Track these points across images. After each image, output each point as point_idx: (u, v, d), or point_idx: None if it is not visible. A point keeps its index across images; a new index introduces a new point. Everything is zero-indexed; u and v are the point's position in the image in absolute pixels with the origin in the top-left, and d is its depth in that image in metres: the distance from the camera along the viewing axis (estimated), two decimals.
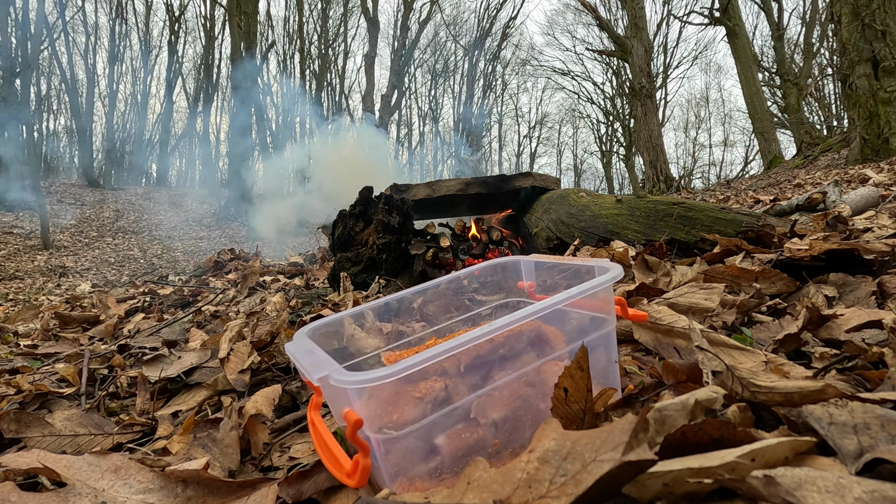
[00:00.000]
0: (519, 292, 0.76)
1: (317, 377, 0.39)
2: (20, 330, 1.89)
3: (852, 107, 7.82)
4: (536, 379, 0.44)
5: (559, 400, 0.43)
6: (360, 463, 0.39)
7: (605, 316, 0.54)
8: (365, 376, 0.39)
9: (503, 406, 0.45)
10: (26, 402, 0.87)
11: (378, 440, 0.42)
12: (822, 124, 16.31)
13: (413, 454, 0.43)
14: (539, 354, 0.48)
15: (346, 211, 2.31)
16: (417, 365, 0.40)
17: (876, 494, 0.28)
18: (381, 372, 0.39)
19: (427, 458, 0.43)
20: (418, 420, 0.42)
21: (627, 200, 2.11)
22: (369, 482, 0.45)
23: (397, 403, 0.43)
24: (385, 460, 0.42)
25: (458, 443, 0.44)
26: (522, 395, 0.46)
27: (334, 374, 0.40)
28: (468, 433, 0.45)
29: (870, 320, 0.71)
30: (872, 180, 3.70)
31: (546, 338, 0.49)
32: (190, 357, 1.00)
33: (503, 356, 0.47)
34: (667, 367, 0.59)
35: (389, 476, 0.43)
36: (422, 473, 0.43)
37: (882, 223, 1.74)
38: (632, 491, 0.33)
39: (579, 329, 0.53)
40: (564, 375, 0.42)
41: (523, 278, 0.74)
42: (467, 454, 0.45)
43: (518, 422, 0.46)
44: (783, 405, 0.42)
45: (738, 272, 1.02)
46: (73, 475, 0.48)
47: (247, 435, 0.63)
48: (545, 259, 0.70)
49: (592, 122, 25.16)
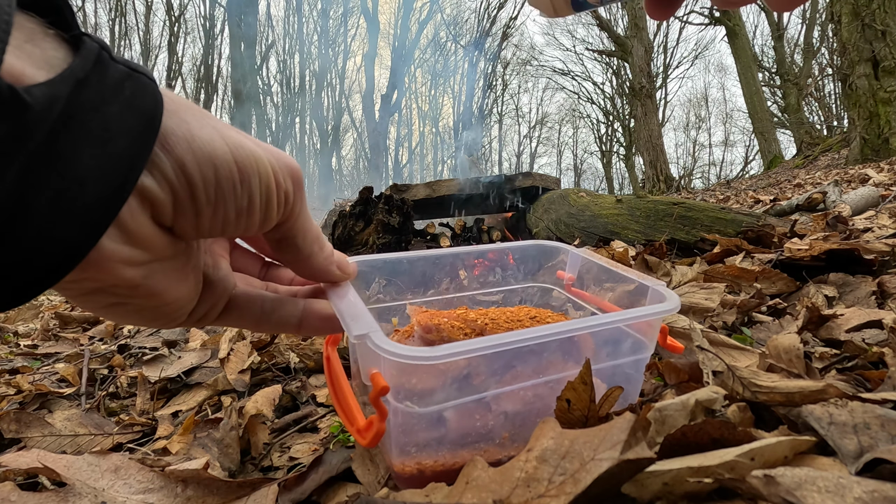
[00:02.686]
0: (555, 280, 0.73)
1: (355, 334, 0.37)
2: (20, 330, 1.89)
3: (852, 107, 7.83)
4: (558, 381, 0.44)
5: (562, 410, 0.43)
6: (376, 426, 0.37)
7: (647, 342, 0.52)
8: (407, 352, 0.37)
9: (519, 399, 0.45)
10: (26, 402, 0.87)
11: (398, 409, 0.41)
12: (822, 124, 16.31)
13: (424, 428, 0.43)
14: (567, 359, 0.47)
15: (346, 211, 2.31)
16: (464, 354, 0.38)
17: (876, 494, 0.28)
18: (423, 352, 0.38)
19: (435, 432, 0.43)
20: (437, 391, 0.41)
21: (627, 200, 2.11)
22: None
23: (417, 370, 0.42)
24: (397, 429, 0.42)
25: (467, 423, 0.44)
26: (540, 394, 0.46)
27: (373, 338, 0.37)
28: (479, 416, 0.44)
29: (870, 320, 0.71)
30: (873, 180, 3.70)
31: (578, 346, 0.49)
32: (190, 357, 1.00)
33: (532, 351, 0.46)
34: (668, 367, 0.59)
35: (398, 446, 0.42)
36: (426, 448, 0.43)
37: (882, 223, 1.74)
38: (631, 490, 0.33)
39: (614, 348, 0.52)
40: (567, 388, 0.42)
41: (566, 268, 0.71)
42: (475, 439, 0.44)
43: (529, 417, 0.45)
44: (784, 405, 0.42)
45: (738, 272, 1.02)
46: (73, 475, 0.48)
47: (247, 435, 0.63)
48: (596, 258, 0.67)
49: (592, 122, 25.18)
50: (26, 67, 0.21)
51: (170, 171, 0.26)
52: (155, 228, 0.27)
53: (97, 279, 0.25)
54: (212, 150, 0.27)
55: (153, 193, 0.25)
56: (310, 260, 0.37)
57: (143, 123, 0.24)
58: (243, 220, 0.30)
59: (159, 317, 0.31)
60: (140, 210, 0.25)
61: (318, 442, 0.62)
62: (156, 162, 0.25)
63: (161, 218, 0.27)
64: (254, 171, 0.29)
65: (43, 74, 0.21)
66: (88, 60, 0.23)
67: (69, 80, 0.22)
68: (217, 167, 0.27)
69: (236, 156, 0.28)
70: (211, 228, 0.29)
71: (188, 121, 0.27)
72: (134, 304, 0.28)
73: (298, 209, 0.34)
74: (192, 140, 0.26)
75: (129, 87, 0.24)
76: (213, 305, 0.35)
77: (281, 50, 22.15)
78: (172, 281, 0.29)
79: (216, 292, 0.35)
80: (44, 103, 0.20)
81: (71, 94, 0.21)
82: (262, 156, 0.30)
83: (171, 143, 0.26)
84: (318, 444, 0.62)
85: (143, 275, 0.27)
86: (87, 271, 0.24)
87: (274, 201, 0.31)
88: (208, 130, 0.27)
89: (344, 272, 0.41)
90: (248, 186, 0.29)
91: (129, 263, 0.26)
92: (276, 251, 0.36)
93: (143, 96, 0.24)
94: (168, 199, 0.26)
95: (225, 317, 0.36)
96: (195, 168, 0.26)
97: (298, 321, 0.39)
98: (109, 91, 0.23)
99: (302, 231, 0.35)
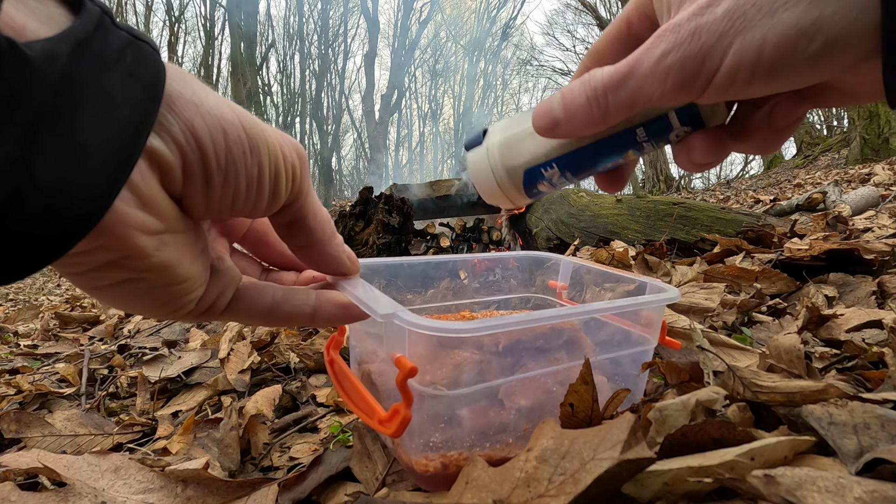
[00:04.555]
0: (547, 290, 0.74)
1: (381, 313, 0.36)
2: (20, 330, 1.89)
3: (852, 107, 7.83)
4: (566, 378, 0.44)
5: (566, 416, 0.43)
6: (402, 413, 0.36)
7: (648, 336, 0.53)
8: (441, 325, 0.36)
9: (531, 395, 0.45)
10: (26, 402, 0.87)
11: (423, 395, 0.40)
12: (822, 124, 16.31)
13: (451, 417, 0.42)
14: (570, 357, 0.47)
15: (347, 211, 2.31)
16: (498, 328, 0.38)
17: (876, 494, 0.28)
18: (457, 325, 0.37)
19: (453, 425, 0.42)
20: (453, 383, 0.41)
21: (627, 200, 2.11)
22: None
23: (433, 363, 0.41)
24: (421, 417, 0.41)
25: (483, 419, 0.43)
26: (548, 390, 0.46)
27: (402, 315, 0.36)
28: (493, 412, 0.44)
29: (870, 320, 0.71)
30: (875, 178, 3.70)
31: (580, 343, 0.49)
32: (190, 357, 1.01)
33: (539, 348, 0.46)
34: (669, 367, 0.59)
35: (422, 438, 0.41)
36: (452, 440, 0.42)
37: (882, 223, 1.74)
38: (631, 490, 0.33)
39: (618, 342, 0.52)
40: (569, 392, 0.42)
41: (558, 278, 0.72)
42: (493, 432, 0.44)
43: (542, 412, 0.45)
44: (784, 405, 0.42)
45: (738, 272, 1.02)
46: (73, 475, 0.48)
47: (247, 435, 0.63)
48: (588, 264, 0.67)
49: None
50: (28, 21, 0.20)
51: (179, 133, 0.25)
52: (165, 196, 0.26)
53: (110, 247, 0.25)
54: (220, 114, 0.26)
55: (163, 155, 0.25)
56: (323, 244, 0.36)
57: (147, 89, 0.24)
58: (253, 193, 0.29)
59: (170, 299, 0.29)
60: (150, 173, 0.25)
61: (318, 442, 0.62)
62: (163, 124, 0.25)
63: (171, 185, 0.26)
64: (262, 139, 0.28)
65: (45, 30, 0.20)
66: (89, 23, 0.22)
67: (69, 39, 0.21)
68: (226, 131, 0.26)
69: (244, 123, 0.27)
70: (221, 201, 0.28)
71: (194, 88, 0.26)
72: (146, 281, 0.27)
73: (307, 187, 0.33)
74: (201, 104, 0.26)
75: (130, 55, 0.23)
76: (221, 293, 0.33)
77: (281, 50, 22.15)
78: (185, 257, 0.29)
79: (223, 280, 0.34)
80: (45, 60, 0.19)
81: (72, 54, 0.21)
82: (267, 128, 0.29)
83: (180, 105, 0.25)
84: (318, 443, 0.62)
85: (155, 245, 0.26)
86: (101, 238, 0.24)
87: (283, 173, 0.30)
88: (215, 97, 0.27)
89: (354, 264, 0.40)
90: (258, 154, 0.28)
91: (143, 230, 0.25)
92: (287, 237, 0.35)
93: (146, 64, 0.24)
94: (178, 163, 0.25)
95: (234, 308, 0.35)
96: (205, 130, 0.26)
97: (313, 309, 0.37)
98: (110, 56, 0.22)
99: (312, 211, 0.34)
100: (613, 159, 0.35)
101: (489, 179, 0.38)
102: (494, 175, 0.37)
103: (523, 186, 0.37)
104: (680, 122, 0.32)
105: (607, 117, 0.31)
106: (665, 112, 0.32)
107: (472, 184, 0.39)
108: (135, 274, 0.27)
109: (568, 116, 0.32)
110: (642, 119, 0.33)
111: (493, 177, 0.38)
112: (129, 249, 0.25)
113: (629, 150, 0.34)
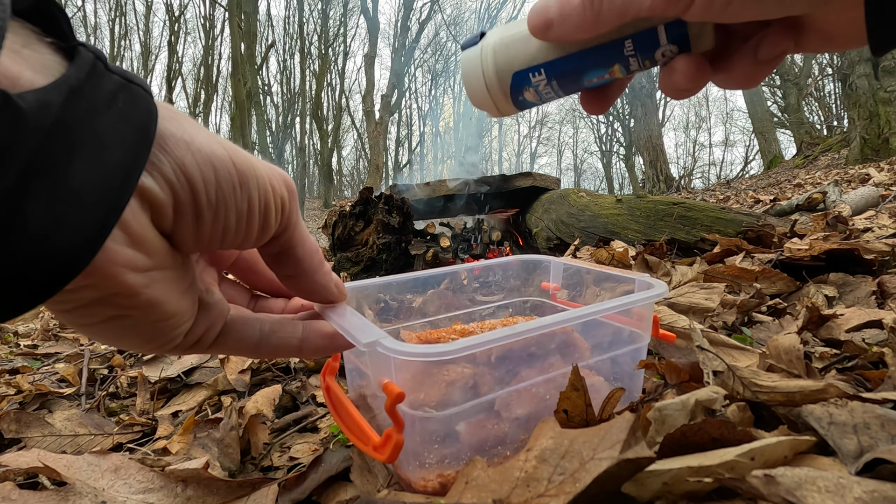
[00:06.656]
0: (541, 292, 0.75)
1: (364, 342, 0.36)
2: (20, 330, 1.89)
3: (852, 107, 7.83)
4: (562, 384, 0.44)
5: (562, 422, 0.43)
6: (394, 438, 0.37)
7: (640, 332, 0.53)
8: (423, 350, 0.37)
9: (527, 404, 0.45)
10: (26, 402, 0.87)
11: (414, 417, 0.40)
12: (822, 124, 16.30)
13: (443, 435, 0.42)
14: (564, 360, 0.47)
15: (346, 211, 2.31)
16: (481, 346, 0.38)
17: (876, 494, 0.28)
18: (440, 348, 0.37)
19: (448, 443, 0.43)
20: (445, 402, 0.41)
21: (627, 200, 2.11)
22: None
23: (424, 383, 0.42)
24: (414, 440, 0.41)
25: (480, 433, 0.43)
26: (543, 398, 0.46)
27: (385, 342, 0.37)
28: (490, 425, 0.44)
29: (870, 320, 0.71)
30: (873, 180, 3.70)
31: (574, 345, 0.49)
32: (190, 357, 1.00)
33: (532, 354, 0.46)
34: (669, 367, 0.59)
35: (417, 458, 0.42)
36: (448, 457, 0.42)
37: (882, 223, 1.74)
38: (631, 490, 0.33)
39: (610, 341, 0.52)
40: (561, 399, 0.42)
41: (550, 279, 0.72)
42: (491, 445, 0.44)
43: (538, 421, 0.46)
44: (784, 405, 0.42)
45: (738, 272, 1.02)
46: (74, 475, 0.48)
47: (247, 435, 0.63)
48: (578, 264, 0.68)
49: (592, 122, 25.18)
50: (23, 70, 0.21)
51: (170, 172, 0.25)
52: (156, 233, 0.27)
53: (99, 286, 0.25)
54: (210, 151, 0.27)
55: (154, 194, 0.25)
56: (310, 273, 0.36)
57: (138, 132, 0.24)
58: (243, 226, 0.29)
59: (157, 335, 0.30)
60: (141, 212, 0.25)
61: (318, 442, 0.62)
62: (155, 164, 0.25)
63: (161, 222, 0.27)
64: (252, 174, 0.29)
65: (40, 78, 0.21)
66: (83, 70, 0.23)
67: (62, 87, 0.21)
68: (217, 168, 0.27)
69: (234, 158, 0.28)
70: (211, 236, 0.28)
71: (185, 127, 0.27)
72: (134, 318, 0.28)
73: (296, 218, 0.33)
74: (191, 143, 0.26)
75: (122, 99, 0.24)
76: (209, 328, 0.34)
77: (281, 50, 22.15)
78: (174, 293, 0.29)
79: (212, 315, 0.34)
80: (38, 109, 0.20)
81: (65, 102, 0.21)
82: (256, 162, 0.30)
83: (171, 144, 0.26)
84: (318, 444, 0.62)
85: (144, 282, 0.26)
86: (90, 277, 0.24)
87: (272, 206, 0.31)
88: (205, 135, 0.28)
89: (341, 292, 0.40)
90: (247, 189, 0.29)
91: (133, 268, 0.25)
92: (275, 266, 0.36)
93: (137, 108, 0.24)
94: (169, 201, 0.26)
95: (222, 342, 0.35)
96: (195, 168, 0.26)
97: (300, 341, 0.38)
98: (102, 102, 0.23)
99: (300, 241, 0.34)
100: (599, 73, 0.36)
101: (479, 80, 0.38)
102: (484, 76, 0.38)
103: (510, 91, 0.38)
104: (668, 39, 0.33)
105: (599, 21, 0.33)
106: (654, 26, 0.33)
107: (463, 84, 0.40)
108: (123, 311, 0.27)
109: (562, 17, 0.33)
110: (632, 30, 0.34)
111: (482, 78, 0.38)
112: (118, 287, 0.25)
113: (616, 64, 0.35)
